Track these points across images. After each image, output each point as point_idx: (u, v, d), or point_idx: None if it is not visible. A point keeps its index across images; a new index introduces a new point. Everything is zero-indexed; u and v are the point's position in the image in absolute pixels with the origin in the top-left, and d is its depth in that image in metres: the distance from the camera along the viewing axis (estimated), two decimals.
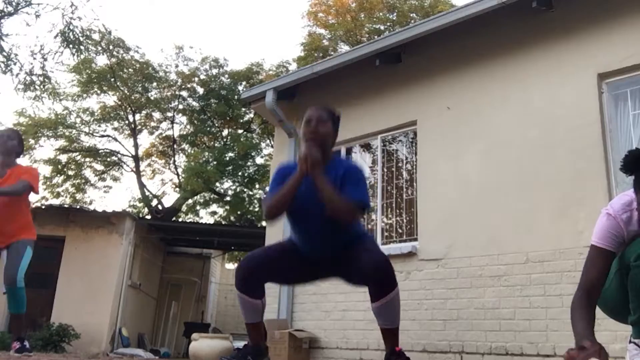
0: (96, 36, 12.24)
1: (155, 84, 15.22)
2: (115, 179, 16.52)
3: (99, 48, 13.33)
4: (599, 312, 2.03)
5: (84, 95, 14.86)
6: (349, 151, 6.30)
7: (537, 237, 4.43)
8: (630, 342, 1.92)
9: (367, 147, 6.34)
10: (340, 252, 2.63)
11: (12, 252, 3.99)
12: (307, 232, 2.67)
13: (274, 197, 2.61)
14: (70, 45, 9.68)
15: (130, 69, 14.82)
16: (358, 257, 2.53)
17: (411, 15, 15.00)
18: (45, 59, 9.80)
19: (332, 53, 13.88)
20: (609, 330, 3.84)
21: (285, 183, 2.60)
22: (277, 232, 6.33)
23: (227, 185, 15.81)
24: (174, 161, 16.19)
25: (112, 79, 14.29)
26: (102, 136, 15.54)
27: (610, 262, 1.87)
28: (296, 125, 6.62)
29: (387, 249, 5.36)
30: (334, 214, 2.46)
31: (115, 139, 15.67)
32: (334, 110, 2.82)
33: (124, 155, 15.81)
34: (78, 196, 16.02)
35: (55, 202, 14.52)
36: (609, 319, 2.19)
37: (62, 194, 15.64)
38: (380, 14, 15.52)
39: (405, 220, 5.68)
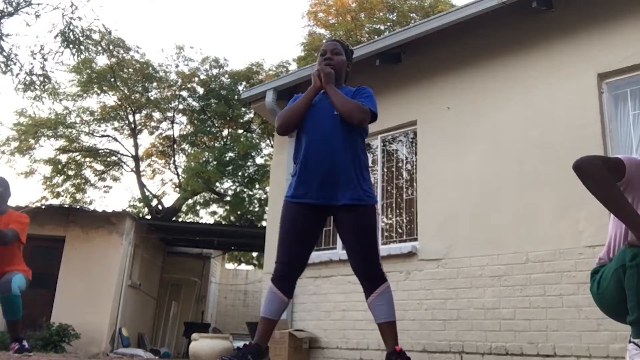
0: (96, 36, 12.22)
1: (155, 84, 15.21)
2: (115, 179, 16.52)
3: (99, 48, 13.32)
4: (600, 312, 2.03)
5: (84, 95, 14.84)
6: None
7: (537, 237, 4.43)
8: (630, 342, 1.92)
9: (367, 147, 6.34)
10: (343, 176, 2.67)
11: (5, 276, 4.10)
12: (317, 143, 2.73)
13: (288, 109, 2.82)
14: (71, 46, 9.66)
15: (130, 69, 14.81)
16: (354, 241, 2.65)
17: (411, 15, 15.00)
18: (45, 59, 9.78)
19: None
20: (609, 330, 3.85)
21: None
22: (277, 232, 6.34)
23: (227, 185, 15.82)
24: (174, 161, 16.19)
25: (112, 79, 14.28)
26: (102, 136, 15.54)
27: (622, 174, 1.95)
28: None
29: (387, 249, 5.37)
30: (346, 114, 2.65)
31: (115, 139, 15.67)
32: (347, 43, 3.05)
33: (124, 155, 15.81)
34: (78, 196, 16.01)
35: (55, 202, 14.51)
36: (609, 318, 2.19)
37: (62, 194, 15.63)
38: (380, 14, 15.51)
39: (405, 220, 5.68)
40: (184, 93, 15.63)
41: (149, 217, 14.56)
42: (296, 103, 2.82)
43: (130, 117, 15.44)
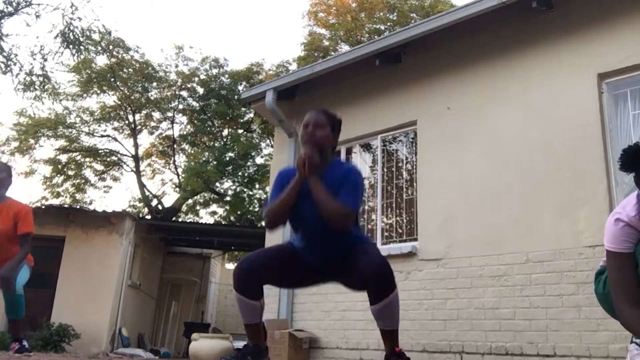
0: (96, 36, 12.23)
1: (155, 84, 15.22)
2: (115, 179, 16.54)
3: (99, 48, 13.32)
4: (600, 312, 2.03)
5: (84, 95, 14.86)
6: (349, 151, 6.30)
7: (537, 237, 4.43)
8: (631, 342, 1.92)
9: (367, 147, 6.34)
10: (340, 257, 2.61)
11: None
12: (307, 236, 2.64)
13: (274, 203, 2.58)
14: (70, 46, 9.67)
15: (130, 69, 14.82)
16: (357, 262, 2.50)
17: (411, 15, 15.00)
18: (45, 59, 9.79)
19: (332, 53, 13.88)
20: (609, 330, 3.85)
21: (284, 189, 2.57)
22: (278, 232, 6.34)
23: (227, 185, 15.82)
24: (174, 161, 16.20)
25: (112, 79, 14.29)
26: (102, 136, 15.56)
27: (632, 260, 1.79)
28: (296, 125, 6.62)
29: (387, 249, 5.37)
30: (326, 219, 2.45)
31: (115, 139, 15.69)
32: (334, 114, 2.73)
33: (124, 155, 15.82)
34: (78, 196, 16.03)
35: (55, 202, 14.52)
36: (610, 319, 2.19)
37: (62, 194, 15.65)
38: (381, 14, 15.52)
39: (405, 220, 5.68)
40: (184, 93, 15.65)
41: (149, 217, 14.56)
42: (283, 199, 2.56)
43: (130, 117, 15.45)
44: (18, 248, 4.15)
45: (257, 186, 15.48)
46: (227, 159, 14.50)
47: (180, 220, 15.93)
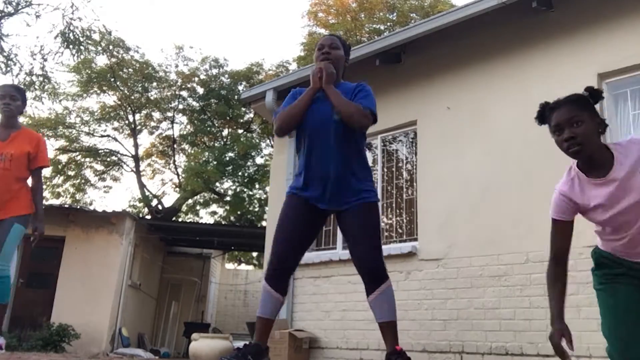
0: (96, 36, 12.24)
1: (155, 84, 15.21)
2: (115, 179, 16.53)
3: (99, 48, 13.33)
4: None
5: (84, 95, 14.86)
6: None
7: (537, 237, 4.42)
8: None
9: (367, 147, 6.34)
10: (346, 189, 2.66)
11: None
12: (317, 147, 2.69)
13: (287, 110, 2.72)
14: (71, 46, 9.68)
15: (130, 69, 14.81)
16: (355, 239, 2.64)
17: (411, 15, 15.00)
18: (45, 60, 9.81)
19: None
20: None
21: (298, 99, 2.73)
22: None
23: (227, 185, 15.82)
24: (174, 161, 16.19)
25: (112, 79, 14.29)
26: (102, 136, 15.56)
27: (570, 229, 2.10)
28: None
29: (387, 249, 5.35)
30: (347, 118, 2.60)
31: (115, 139, 15.69)
32: (345, 39, 3.01)
33: (124, 155, 15.82)
34: (78, 196, 16.03)
35: (55, 202, 14.51)
36: None
37: (62, 194, 15.65)
38: (380, 14, 15.52)
39: (405, 220, 5.68)
40: (184, 93, 15.64)
41: (149, 217, 14.56)
42: (295, 104, 2.74)
43: (130, 117, 15.45)
44: (20, 184, 3.71)
45: (257, 186, 15.48)
46: (227, 159, 14.51)
47: (180, 220, 15.93)
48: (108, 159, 16.11)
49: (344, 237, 2.83)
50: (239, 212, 15.55)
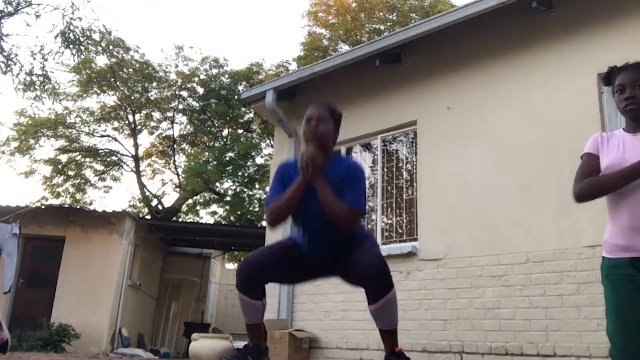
0: (96, 36, 12.23)
1: (155, 84, 15.21)
2: (115, 179, 16.52)
3: (99, 48, 13.32)
4: (600, 312, 2.03)
5: (84, 95, 14.85)
6: (349, 151, 6.30)
7: (537, 237, 4.43)
8: None
9: (367, 147, 6.34)
10: (341, 253, 2.61)
11: None
12: (309, 232, 2.64)
13: (277, 203, 2.56)
14: (71, 46, 9.67)
15: (130, 69, 14.81)
16: (356, 260, 2.50)
17: (411, 15, 15.00)
18: (46, 59, 9.78)
19: (332, 53, 13.88)
20: None
21: (288, 188, 2.55)
22: (278, 232, 6.33)
23: (227, 185, 15.83)
24: (174, 161, 16.19)
25: (112, 79, 14.28)
26: (102, 136, 15.55)
27: (598, 164, 2.11)
28: (296, 125, 6.62)
29: (387, 249, 5.37)
30: (333, 220, 2.46)
31: (115, 139, 15.67)
32: (335, 108, 2.71)
33: (124, 155, 15.81)
34: (78, 196, 16.01)
35: (55, 202, 14.50)
36: None
37: (62, 194, 15.63)
38: (380, 14, 15.52)
39: (405, 220, 5.68)
40: (184, 93, 15.64)
41: (149, 217, 14.56)
42: (286, 200, 2.53)
43: (130, 117, 15.44)
44: None
45: (257, 186, 15.49)
46: (227, 159, 14.51)
47: (180, 220, 15.93)
48: (108, 159, 16.11)
49: (344, 274, 2.67)
50: (239, 212, 15.55)
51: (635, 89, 2.05)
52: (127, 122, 15.51)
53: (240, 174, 15.05)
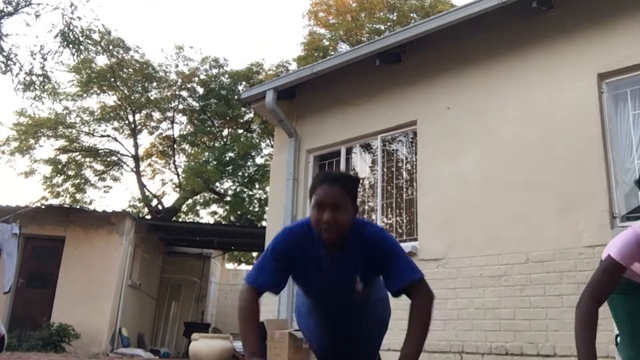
0: (96, 36, 12.23)
1: (155, 84, 15.20)
2: (115, 179, 16.51)
3: (99, 48, 13.33)
4: (600, 312, 2.03)
5: (84, 95, 14.84)
6: (349, 151, 6.30)
7: (537, 237, 4.43)
8: None
9: (367, 147, 6.34)
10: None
11: None
12: (331, 328, 2.23)
13: (241, 319, 1.96)
14: (70, 46, 9.67)
15: (130, 69, 14.80)
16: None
17: (411, 15, 15.00)
18: (45, 59, 9.78)
19: (332, 53, 13.88)
20: (609, 330, 3.83)
21: (249, 338, 1.93)
22: (278, 232, 6.32)
23: (227, 185, 15.82)
24: (174, 161, 16.18)
25: (112, 79, 14.28)
26: (102, 136, 15.53)
27: (619, 274, 1.86)
28: (296, 125, 6.63)
29: None
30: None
31: (115, 139, 15.66)
32: (350, 179, 2.11)
33: (124, 155, 15.81)
34: (78, 196, 16.01)
35: (55, 202, 14.50)
36: (609, 318, 2.19)
37: (62, 194, 15.63)
38: (381, 14, 15.52)
39: (405, 220, 5.68)
40: (184, 93, 15.64)
41: (149, 217, 14.56)
42: (244, 339, 1.97)
43: (130, 117, 15.44)
44: None
45: (257, 186, 15.48)
46: (227, 159, 14.51)
47: (180, 220, 15.93)
48: (108, 159, 16.10)
49: None
50: (239, 212, 15.55)
51: None
52: (127, 122, 15.50)
53: (240, 174, 15.04)
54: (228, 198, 15.57)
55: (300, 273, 2.12)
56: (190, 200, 16.12)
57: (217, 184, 15.01)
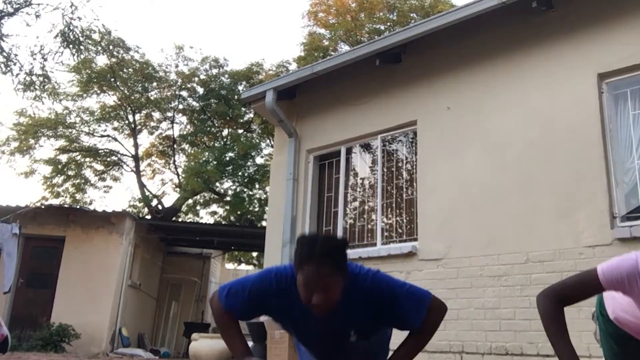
0: (96, 36, 12.24)
1: (155, 84, 15.21)
2: (115, 179, 16.53)
3: (99, 48, 13.33)
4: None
5: (84, 95, 14.85)
6: (349, 151, 6.31)
7: (537, 237, 4.43)
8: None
9: (367, 147, 6.34)
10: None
11: None
12: (325, 356, 2.18)
13: (222, 326, 2.04)
14: (70, 46, 9.68)
15: (130, 69, 14.81)
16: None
17: (411, 15, 15.00)
18: (45, 59, 9.79)
19: (332, 53, 13.88)
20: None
21: (234, 339, 2.01)
22: (278, 232, 6.34)
23: (227, 185, 15.82)
24: (174, 161, 16.19)
25: (112, 79, 14.29)
26: (102, 136, 15.54)
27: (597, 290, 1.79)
28: (296, 125, 6.63)
29: (387, 249, 5.37)
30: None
31: (115, 139, 15.67)
32: (339, 249, 1.88)
33: (124, 155, 15.81)
34: (78, 196, 16.02)
35: (55, 202, 14.51)
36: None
37: (62, 194, 15.64)
38: (381, 14, 15.51)
39: (405, 220, 5.68)
40: (184, 93, 15.64)
41: (149, 217, 14.56)
42: (225, 340, 2.07)
43: (130, 117, 15.44)
44: None
45: (257, 186, 15.48)
46: (227, 159, 14.51)
47: (180, 220, 15.93)
48: (108, 159, 16.11)
49: None
50: (239, 212, 15.55)
51: None
52: (127, 122, 15.51)
53: (240, 174, 15.04)
54: (228, 198, 15.58)
55: (287, 322, 2.09)
56: (190, 200, 16.13)
57: (217, 184, 15.02)
